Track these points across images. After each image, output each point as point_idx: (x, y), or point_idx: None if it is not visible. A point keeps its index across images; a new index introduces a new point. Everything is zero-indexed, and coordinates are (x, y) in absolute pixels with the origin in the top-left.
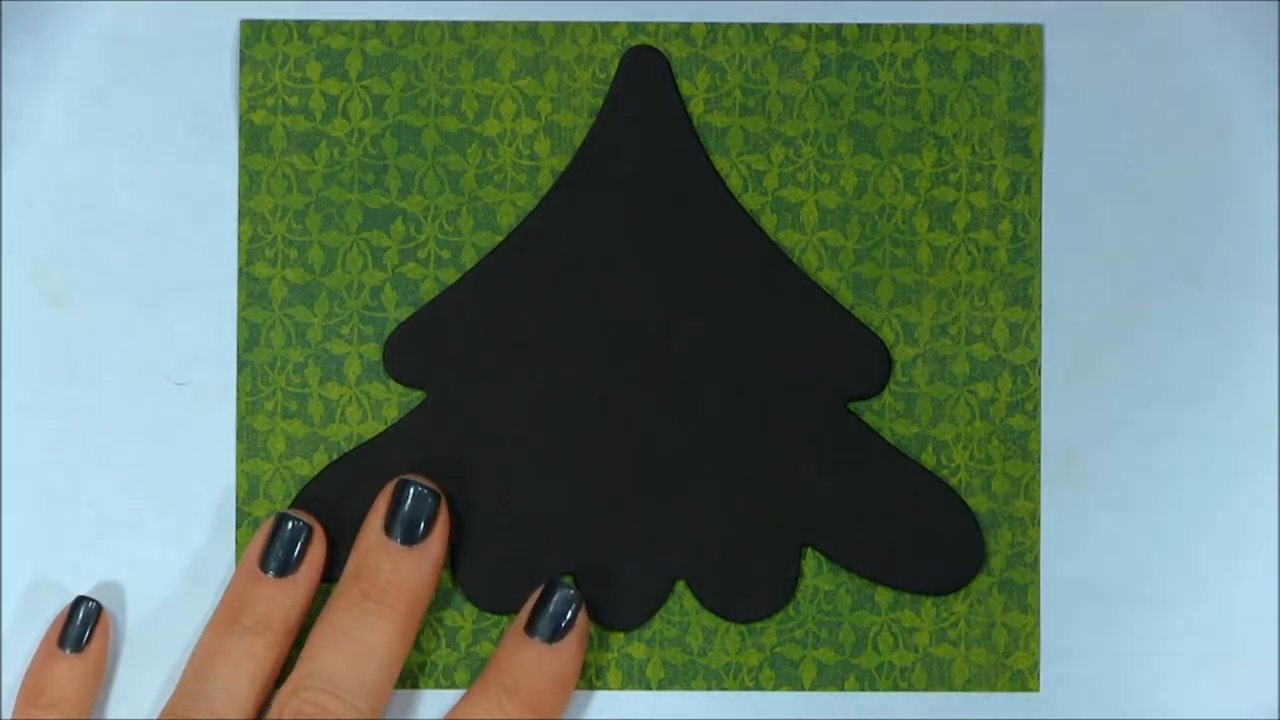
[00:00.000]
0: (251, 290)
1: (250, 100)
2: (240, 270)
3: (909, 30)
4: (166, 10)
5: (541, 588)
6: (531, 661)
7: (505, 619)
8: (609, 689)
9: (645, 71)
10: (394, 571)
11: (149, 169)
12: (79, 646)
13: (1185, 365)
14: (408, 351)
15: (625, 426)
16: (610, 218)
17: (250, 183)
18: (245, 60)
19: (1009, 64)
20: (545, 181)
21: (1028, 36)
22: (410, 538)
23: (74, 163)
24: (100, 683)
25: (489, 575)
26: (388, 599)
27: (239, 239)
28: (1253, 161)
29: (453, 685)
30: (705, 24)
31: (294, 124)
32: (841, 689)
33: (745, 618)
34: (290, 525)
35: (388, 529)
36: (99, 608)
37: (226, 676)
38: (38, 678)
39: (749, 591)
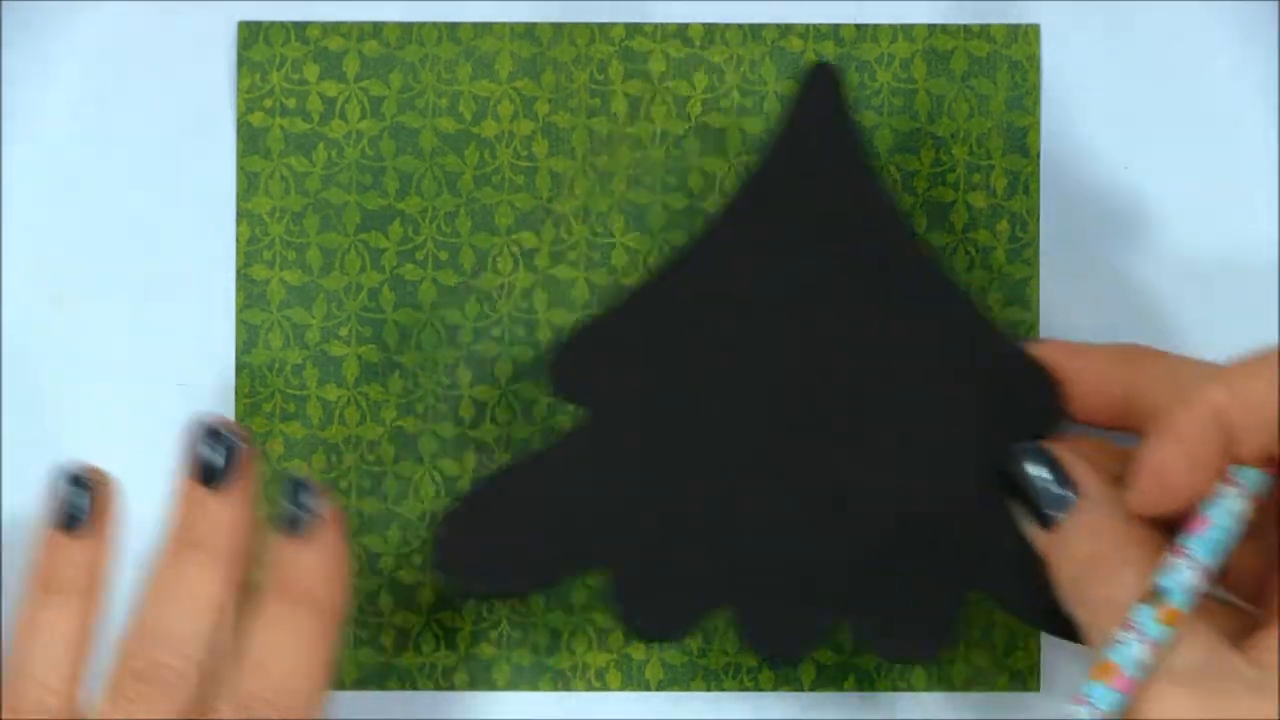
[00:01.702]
0: (249, 292)
1: (248, 102)
2: (238, 272)
3: (906, 31)
4: (164, 11)
5: (283, 485)
6: (295, 560)
7: (502, 621)
8: (609, 689)
9: (824, 92)
10: (206, 518)
11: (147, 170)
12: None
13: None
14: (571, 367)
15: (792, 458)
16: (783, 242)
17: (248, 184)
18: (243, 62)
19: (1006, 64)
20: (543, 182)
21: (1025, 36)
22: (216, 482)
23: (74, 163)
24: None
25: (648, 602)
26: (208, 545)
27: (237, 241)
28: (1253, 161)
29: (452, 687)
30: (703, 24)
31: (291, 125)
32: (841, 689)
33: (907, 659)
34: (76, 481)
35: (194, 476)
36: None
37: (45, 645)
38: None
39: (910, 634)
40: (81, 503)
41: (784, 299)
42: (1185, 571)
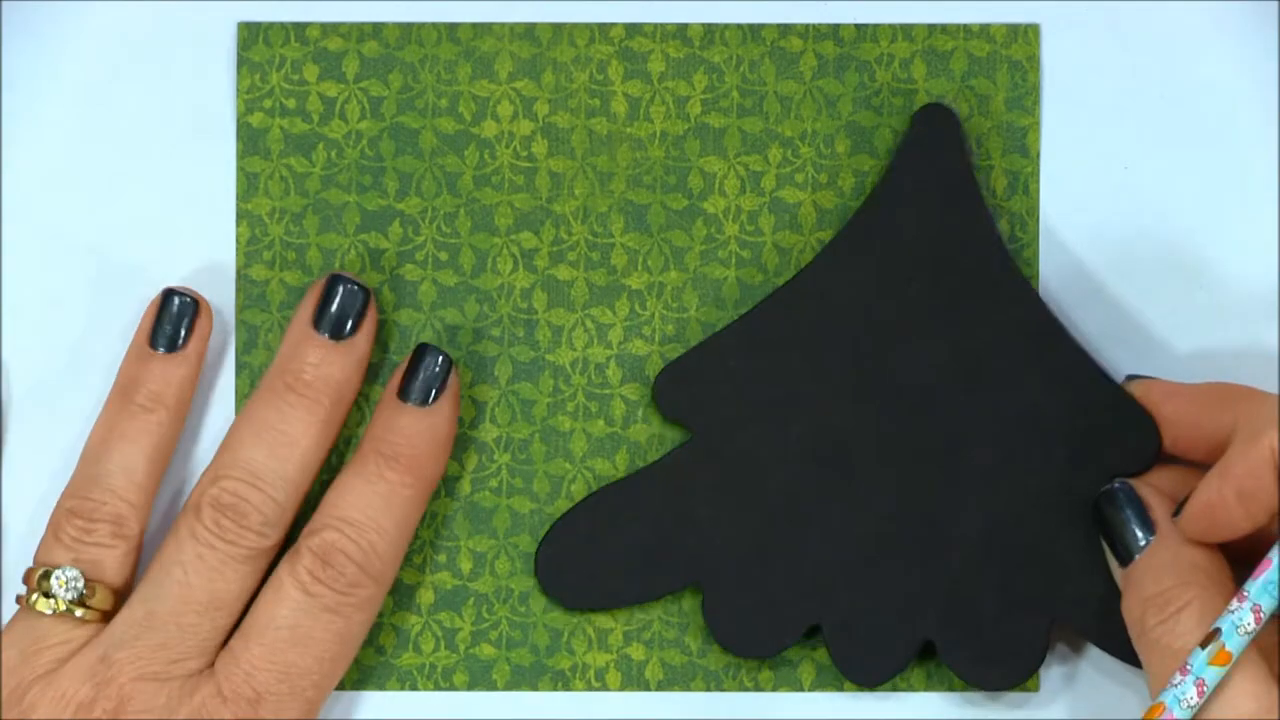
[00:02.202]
0: (249, 293)
1: (247, 102)
2: (238, 272)
3: (906, 31)
4: (164, 12)
5: (411, 353)
6: (407, 427)
7: (502, 622)
8: (609, 690)
9: (937, 129)
10: (319, 366)
11: (147, 170)
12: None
13: (1185, 364)
14: (678, 388)
15: (886, 484)
16: (888, 273)
17: (248, 185)
18: (242, 62)
19: (1006, 64)
20: (543, 183)
21: (1025, 36)
22: (338, 333)
23: (74, 163)
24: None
25: (740, 620)
26: (311, 392)
27: (237, 241)
28: (1253, 161)
29: (452, 687)
30: (702, 25)
31: (291, 126)
32: (840, 689)
33: (991, 686)
34: (178, 300)
35: (315, 323)
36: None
37: (123, 454)
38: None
39: (997, 660)
40: (183, 326)
41: (887, 329)
42: (1242, 614)
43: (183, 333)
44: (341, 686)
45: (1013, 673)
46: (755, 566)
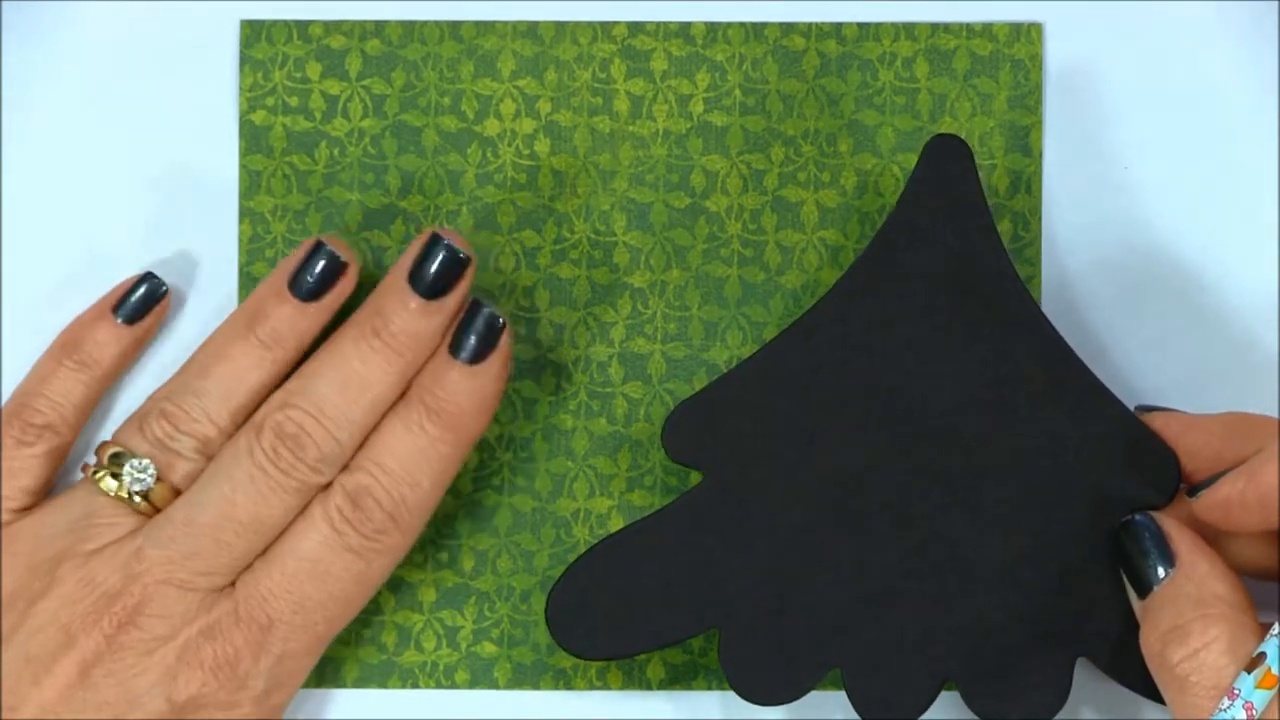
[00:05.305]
0: (252, 290)
1: (250, 100)
2: (241, 270)
3: (909, 29)
4: (166, 10)
5: (466, 309)
6: (455, 382)
7: (504, 621)
8: (610, 689)
9: (948, 161)
10: (408, 320)
11: (148, 169)
12: (132, 319)
13: (1185, 365)
14: (688, 430)
15: (905, 520)
16: (903, 307)
17: (250, 183)
18: (245, 60)
19: (1009, 63)
20: (545, 181)
21: (1028, 35)
22: (431, 293)
23: (74, 162)
24: (136, 357)
25: (756, 664)
26: (396, 343)
27: (239, 239)
28: (1253, 161)
29: (454, 685)
30: (705, 23)
31: (294, 124)
32: (841, 689)
33: None
34: (326, 254)
35: (412, 279)
36: (164, 290)
37: (228, 379)
38: (78, 333)
39: (1020, 698)
40: (326, 281)
41: (902, 364)
42: None
43: (324, 287)
44: (343, 684)
45: (1036, 712)
46: (773, 610)
